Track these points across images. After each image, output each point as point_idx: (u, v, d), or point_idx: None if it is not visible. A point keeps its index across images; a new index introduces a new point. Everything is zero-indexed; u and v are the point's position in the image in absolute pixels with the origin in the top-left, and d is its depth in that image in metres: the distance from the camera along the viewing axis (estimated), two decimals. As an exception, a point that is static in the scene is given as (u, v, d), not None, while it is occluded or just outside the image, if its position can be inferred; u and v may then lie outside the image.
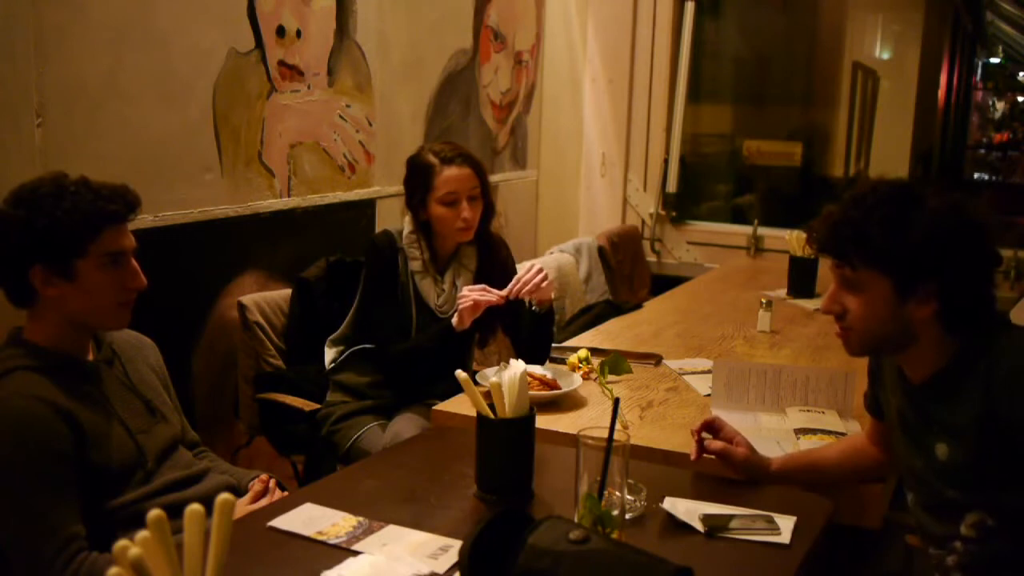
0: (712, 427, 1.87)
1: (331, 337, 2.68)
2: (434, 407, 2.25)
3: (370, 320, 2.55)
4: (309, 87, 3.24)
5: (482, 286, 2.41)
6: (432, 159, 2.52)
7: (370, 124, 3.56)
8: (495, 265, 2.65)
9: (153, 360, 1.94)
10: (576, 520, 1.44)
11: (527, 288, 2.41)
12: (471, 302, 2.37)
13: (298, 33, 3.16)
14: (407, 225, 2.58)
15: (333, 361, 2.65)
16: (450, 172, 2.50)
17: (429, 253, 2.56)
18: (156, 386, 1.90)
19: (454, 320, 2.42)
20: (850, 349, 1.65)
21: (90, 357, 1.77)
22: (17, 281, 1.67)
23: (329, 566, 1.41)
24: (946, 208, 1.52)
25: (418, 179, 2.54)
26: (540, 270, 2.44)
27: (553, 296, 2.55)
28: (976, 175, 10.79)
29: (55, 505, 1.59)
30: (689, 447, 1.98)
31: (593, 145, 5.11)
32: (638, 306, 3.44)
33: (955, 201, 1.54)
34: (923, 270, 1.51)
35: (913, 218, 1.51)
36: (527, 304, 2.52)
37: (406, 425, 2.44)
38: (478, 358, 2.77)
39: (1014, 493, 1.50)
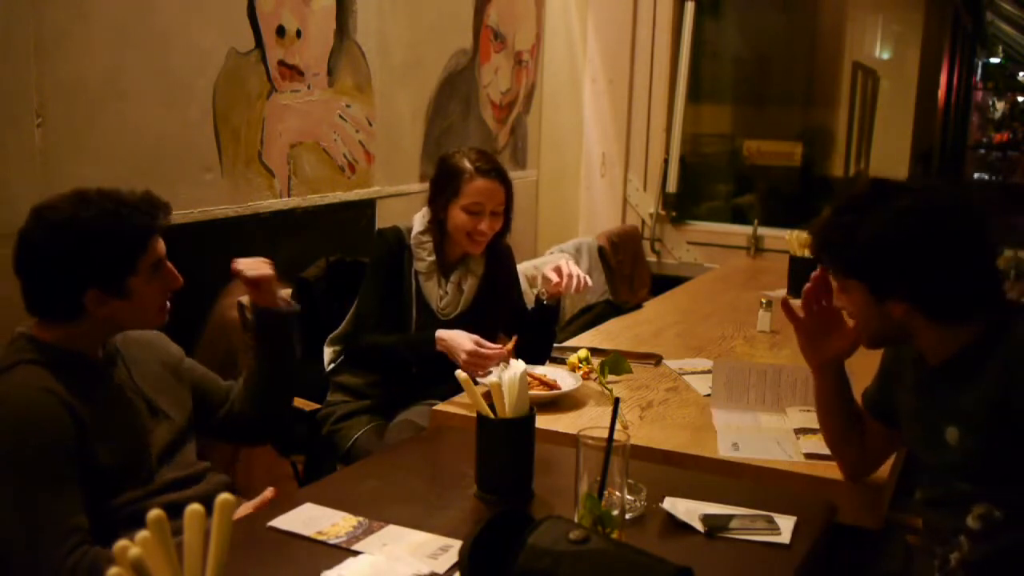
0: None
1: (331, 336, 2.68)
2: (434, 407, 2.25)
3: (369, 314, 2.55)
4: (309, 87, 3.24)
5: (484, 353, 2.36)
6: (467, 166, 2.51)
7: (370, 124, 3.56)
8: (500, 274, 2.67)
9: (162, 353, 1.93)
10: (576, 520, 1.44)
11: (571, 288, 2.48)
12: (476, 367, 2.30)
13: (298, 33, 3.17)
14: (418, 224, 2.58)
15: (332, 361, 2.65)
16: (481, 184, 2.49)
17: (437, 254, 2.56)
18: (161, 384, 1.88)
19: (440, 334, 2.40)
20: (861, 342, 1.70)
21: (98, 355, 1.77)
22: (68, 305, 1.67)
23: (329, 566, 1.41)
24: (904, 209, 1.52)
25: (447, 181, 2.53)
26: (578, 275, 2.50)
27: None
28: (976, 175, 10.80)
29: (57, 497, 1.59)
30: (690, 447, 1.99)
31: (593, 145, 5.12)
32: (638, 306, 3.44)
33: (918, 199, 1.54)
34: (884, 273, 1.54)
35: (866, 223, 1.53)
36: (537, 296, 2.55)
37: (406, 425, 2.44)
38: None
39: (1022, 484, 1.50)
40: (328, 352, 2.67)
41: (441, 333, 2.42)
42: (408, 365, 2.53)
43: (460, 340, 2.37)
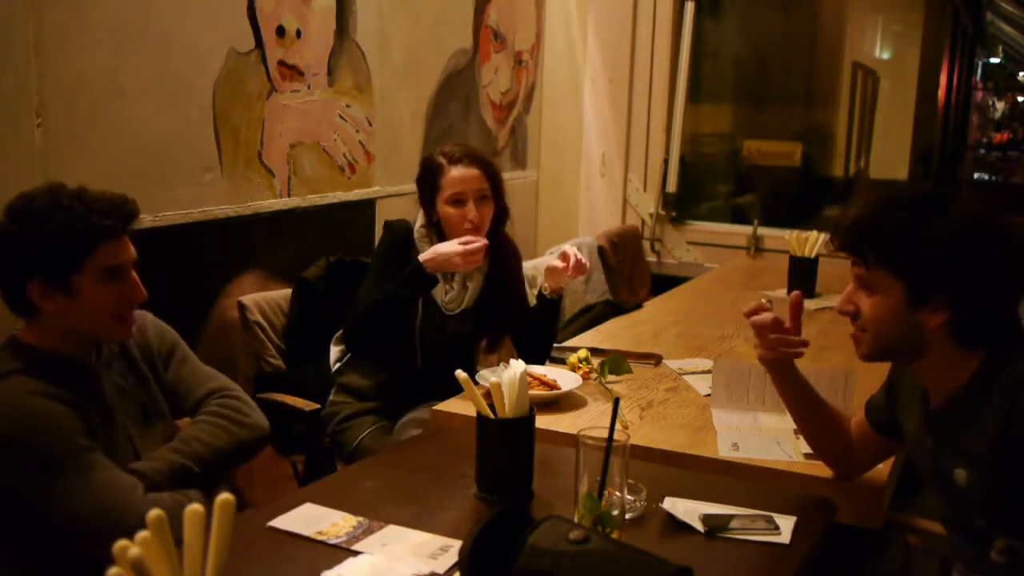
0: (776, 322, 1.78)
1: (336, 335, 2.67)
2: (434, 407, 2.25)
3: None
4: (309, 87, 3.24)
5: (474, 246, 2.42)
6: (440, 160, 2.54)
7: (370, 124, 3.56)
8: (505, 271, 2.65)
9: (152, 337, 1.91)
10: (576, 520, 1.44)
11: (577, 270, 2.50)
12: (476, 247, 2.39)
13: (298, 33, 3.17)
14: (420, 219, 2.59)
15: (338, 360, 2.64)
16: (456, 172, 2.50)
17: None
18: (151, 380, 1.88)
19: (423, 256, 2.43)
20: (861, 352, 1.62)
21: (91, 359, 1.77)
22: (16, 294, 1.67)
23: (329, 566, 1.41)
24: (969, 220, 1.50)
25: (427, 179, 2.55)
26: (578, 256, 2.53)
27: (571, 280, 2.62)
28: (976, 175, 10.80)
29: (103, 461, 1.64)
30: (690, 447, 1.99)
31: (593, 145, 5.11)
32: (638, 306, 3.44)
33: (980, 214, 1.52)
34: (936, 279, 1.49)
35: (933, 225, 1.49)
36: (539, 291, 2.58)
37: (412, 428, 2.43)
38: (481, 360, 2.76)
39: None
40: (334, 351, 2.66)
41: (424, 256, 2.43)
42: (401, 316, 2.51)
43: (446, 248, 2.42)
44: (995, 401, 1.47)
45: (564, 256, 2.54)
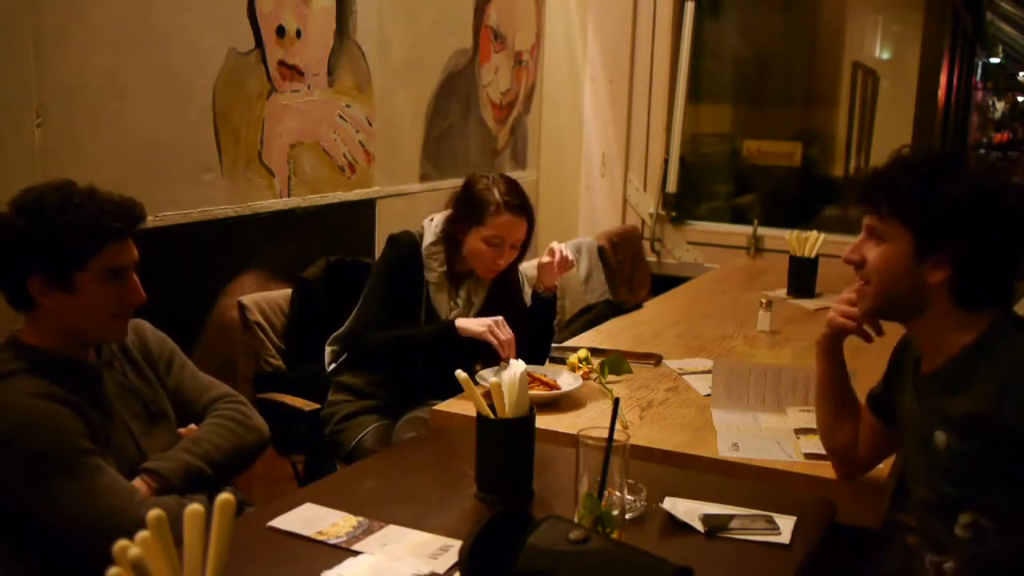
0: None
1: (332, 336, 2.67)
2: (434, 407, 2.25)
3: (375, 318, 2.54)
4: (309, 87, 3.24)
5: (510, 335, 2.41)
6: (496, 197, 2.48)
7: (370, 124, 3.56)
8: (508, 299, 2.63)
9: (152, 343, 1.92)
10: (576, 520, 1.44)
11: (562, 266, 2.53)
12: (498, 342, 2.38)
13: (298, 33, 3.17)
14: (429, 235, 2.56)
15: (333, 360, 2.65)
16: (507, 219, 2.48)
17: (448, 266, 2.55)
18: (154, 381, 1.89)
19: (460, 324, 2.42)
20: (864, 306, 1.67)
21: (91, 358, 1.77)
22: (15, 287, 1.67)
23: (329, 566, 1.41)
24: (982, 179, 1.56)
25: (472, 208, 2.50)
26: (563, 252, 2.55)
27: (557, 282, 2.63)
28: (976, 175, 10.76)
29: (101, 467, 1.63)
30: (690, 447, 1.99)
31: (593, 145, 5.11)
32: (638, 306, 3.44)
33: (993, 176, 1.59)
34: (944, 232, 1.54)
35: (947, 180, 1.55)
36: (533, 290, 2.59)
37: (411, 428, 2.43)
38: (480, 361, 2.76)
39: (1008, 492, 1.50)
40: (328, 352, 2.66)
41: (463, 328, 2.42)
42: (415, 356, 2.52)
43: (478, 320, 2.43)
44: (988, 372, 1.51)
45: (551, 252, 2.54)
